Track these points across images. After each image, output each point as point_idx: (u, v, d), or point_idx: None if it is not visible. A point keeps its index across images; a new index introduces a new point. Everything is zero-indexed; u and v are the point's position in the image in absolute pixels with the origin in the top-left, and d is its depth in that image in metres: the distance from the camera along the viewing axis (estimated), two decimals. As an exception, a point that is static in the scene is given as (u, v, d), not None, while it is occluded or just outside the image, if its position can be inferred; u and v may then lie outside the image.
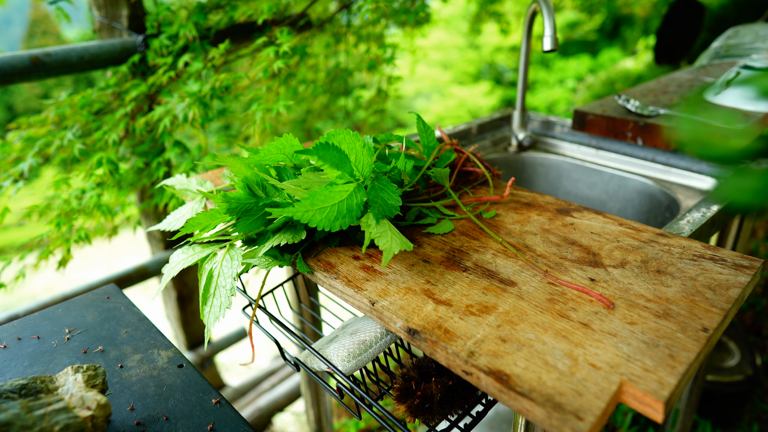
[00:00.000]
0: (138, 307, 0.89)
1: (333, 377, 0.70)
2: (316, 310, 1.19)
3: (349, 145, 0.69)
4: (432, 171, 0.86)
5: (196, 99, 1.37)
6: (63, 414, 0.54)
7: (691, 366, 0.51)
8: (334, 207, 0.66)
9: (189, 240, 0.73)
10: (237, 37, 1.71)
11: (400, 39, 2.57)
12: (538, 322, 0.58)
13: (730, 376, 1.80)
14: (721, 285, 0.62)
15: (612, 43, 5.94)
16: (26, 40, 8.23)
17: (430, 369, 0.65)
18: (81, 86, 5.54)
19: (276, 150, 0.78)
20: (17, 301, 3.91)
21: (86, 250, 4.11)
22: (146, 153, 1.60)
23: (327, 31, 2.09)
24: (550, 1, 1.15)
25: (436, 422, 0.62)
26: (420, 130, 0.89)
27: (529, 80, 1.46)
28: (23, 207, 1.42)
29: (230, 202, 0.68)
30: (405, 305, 0.62)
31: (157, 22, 1.57)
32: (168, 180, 0.94)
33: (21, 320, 0.84)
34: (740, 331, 1.93)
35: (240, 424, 0.64)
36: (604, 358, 0.52)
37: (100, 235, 1.52)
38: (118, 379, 0.72)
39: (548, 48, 1.14)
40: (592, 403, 0.47)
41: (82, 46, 1.47)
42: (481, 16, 3.34)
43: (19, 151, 1.41)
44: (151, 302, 3.42)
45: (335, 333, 0.76)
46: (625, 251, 0.71)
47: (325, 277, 0.71)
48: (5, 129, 1.50)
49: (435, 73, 6.57)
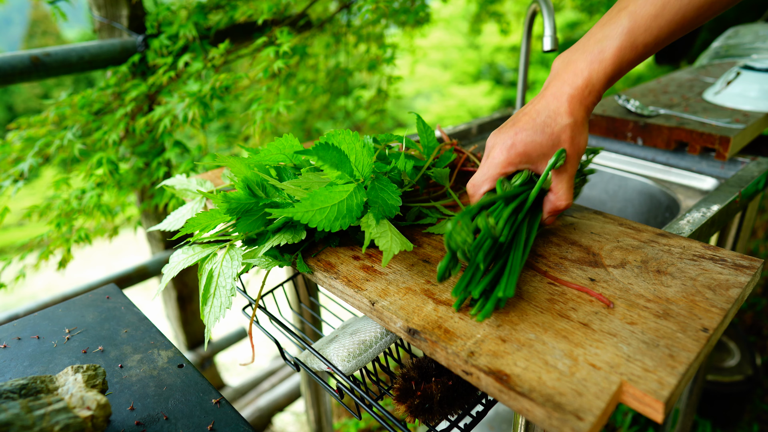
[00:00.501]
0: (138, 307, 0.89)
1: (333, 377, 0.70)
2: (316, 310, 1.19)
3: (349, 145, 0.69)
4: (432, 171, 0.86)
5: (196, 99, 1.37)
6: (63, 414, 0.54)
7: (691, 366, 0.51)
8: (334, 207, 0.66)
9: (189, 240, 0.73)
10: (237, 37, 1.72)
11: (400, 39, 2.57)
12: (538, 322, 0.58)
13: (730, 376, 1.80)
14: (721, 285, 0.63)
15: (612, 43, 5.92)
16: (26, 40, 8.23)
17: (430, 369, 0.65)
18: (81, 86, 5.54)
19: (276, 150, 0.78)
20: (17, 301, 3.91)
21: (86, 250, 4.11)
22: (146, 153, 1.60)
23: (327, 31, 2.09)
24: (550, 1, 1.15)
25: (436, 422, 0.63)
26: (420, 131, 0.89)
27: (529, 80, 1.46)
28: (23, 207, 1.42)
29: (230, 203, 0.68)
30: (405, 305, 0.62)
31: (157, 22, 1.57)
32: (168, 180, 0.94)
33: (21, 320, 0.84)
34: (740, 331, 1.93)
35: (240, 424, 0.64)
36: (604, 358, 0.52)
37: (100, 235, 1.52)
38: (118, 379, 0.72)
39: (548, 48, 1.14)
40: (592, 403, 0.47)
41: (82, 46, 1.47)
42: (481, 16, 3.34)
43: (19, 151, 1.41)
44: (151, 302, 3.42)
45: (335, 333, 0.76)
46: (625, 251, 0.71)
47: (325, 277, 0.71)
48: (5, 129, 1.50)
49: (435, 73, 6.57)
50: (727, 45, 1.87)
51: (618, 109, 1.37)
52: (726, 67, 1.75)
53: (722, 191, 1.01)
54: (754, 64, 1.38)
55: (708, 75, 1.69)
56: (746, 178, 1.08)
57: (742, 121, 1.22)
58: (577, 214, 0.83)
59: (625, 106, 1.35)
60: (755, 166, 1.14)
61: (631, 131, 1.29)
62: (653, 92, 1.50)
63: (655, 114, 1.30)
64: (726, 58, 1.84)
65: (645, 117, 1.29)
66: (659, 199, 1.25)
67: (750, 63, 1.40)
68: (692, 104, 1.37)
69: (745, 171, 1.12)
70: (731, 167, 1.19)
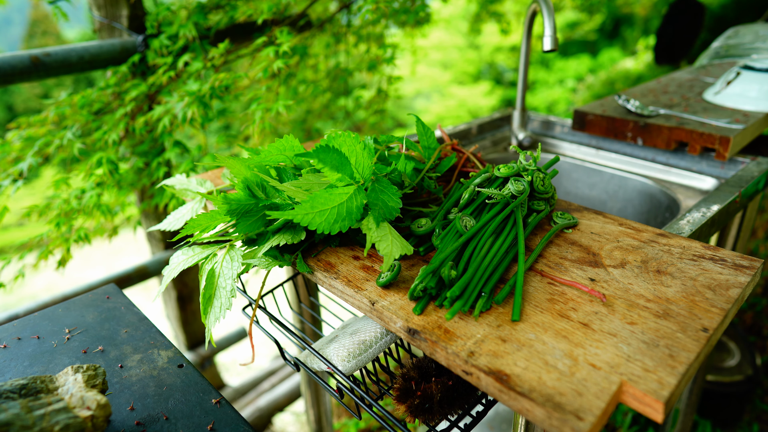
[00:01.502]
0: (138, 307, 0.89)
1: (333, 377, 0.70)
2: (316, 310, 1.19)
3: (349, 147, 0.69)
4: (431, 174, 0.86)
5: (196, 98, 1.37)
6: (63, 414, 0.54)
7: (691, 366, 0.51)
8: (334, 210, 0.66)
9: (189, 240, 0.73)
10: (237, 37, 1.71)
11: (400, 39, 2.57)
12: (538, 322, 0.58)
13: (730, 376, 1.80)
14: (721, 285, 0.63)
15: (612, 43, 5.94)
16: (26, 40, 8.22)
17: (430, 369, 0.65)
18: (81, 86, 5.54)
19: (276, 151, 0.78)
20: (17, 301, 3.91)
21: (86, 250, 4.11)
22: (146, 153, 1.60)
23: (327, 31, 2.09)
24: (550, 1, 1.15)
25: (436, 422, 0.62)
26: (419, 132, 0.89)
27: (529, 80, 1.46)
28: (23, 207, 1.42)
29: (230, 204, 0.68)
30: (405, 305, 0.62)
31: (157, 22, 1.57)
32: (168, 180, 0.94)
33: (21, 320, 0.84)
34: (740, 331, 1.93)
35: (240, 424, 0.64)
36: (604, 358, 0.52)
37: (100, 235, 1.52)
38: (118, 379, 0.72)
39: (548, 48, 1.14)
40: (592, 403, 0.47)
41: (82, 46, 1.47)
42: (481, 16, 3.34)
43: (19, 151, 1.40)
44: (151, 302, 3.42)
45: (335, 333, 0.76)
46: (625, 251, 0.71)
47: (325, 277, 0.71)
48: (5, 129, 1.50)
49: (435, 73, 6.57)
50: (727, 45, 1.87)
51: (618, 109, 1.37)
52: (726, 67, 1.75)
53: (722, 191, 1.01)
54: (754, 64, 1.38)
55: (708, 75, 1.69)
56: (746, 178, 1.08)
57: (742, 121, 1.22)
58: (577, 214, 0.83)
59: (625, 106, 1.35)
60: (755, 166, 1.14)
61: (631, 131, 1.29)
62: (653, 92, 1.50)
63: (655, 114, 1.30)
64: (726, 58, 1.84)
65: (645, 117, 1.29)
66: (659, 199, 1.25)
67: (750, 63, 1.40)
68: (692, 104, 1.37)
69: (745, 171, 1.12)
70: (731, 167, 1.19)
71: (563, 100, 5.93)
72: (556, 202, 0.85)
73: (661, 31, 2.91)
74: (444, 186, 0.93)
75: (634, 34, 5.70)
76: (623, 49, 5.84)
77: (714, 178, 1.20)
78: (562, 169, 1.47)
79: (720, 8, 4.37)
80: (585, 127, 1.38)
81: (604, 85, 5.26)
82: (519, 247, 0.68)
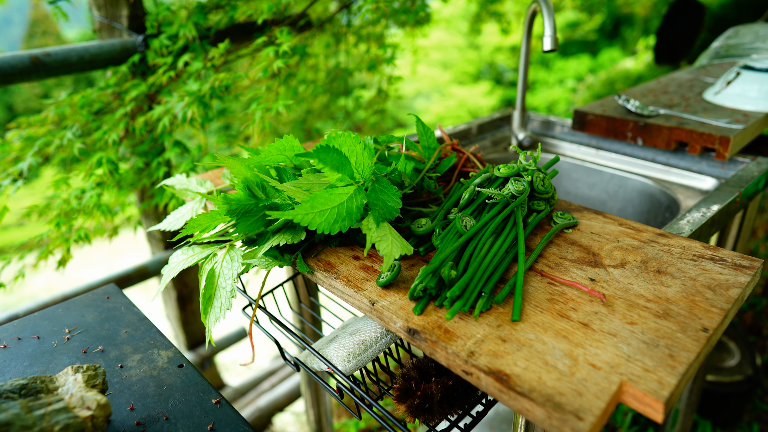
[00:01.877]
0: (138, 307, 0.89)
1: (333, 377, 0.70)
2: (316, 310, 1.19)
3: (349, 147, 0.69)
4: (431, 174, 0.86)
5: (196, 98, 1.37)
6: (63, 414, 0.54)
7: (691, 366, 0.51)
8: (334, 210, 0.66)
9: (189, 240, 0.73)
10: (237, 37, 1.71)
11: (401, 39, 2.57)
12: (538, 322, 0.58)
13: (730, 376, 1.80)
14: (721, 285, 0.62)
15: (612, 43, 5.94)
16: (26, 40, 8.22)
17: (430, 369, 0.65)
18: (81, 86, 5.54)
19: (276, 151, 0.78)
20: (17, 301, 3.91)
21: (86, 250, 4.11)
22: (146, 153, 1.60)
23: (327, 31, 2.09)
24: (550, 1, 1.15)
25: (436, 422, 0.62)
26: (419, 132, 0.89)
27: (529, 80, 1.46)
28: (23, 207, 1.42)
29: (230, 204, 0.68)
30: (405, 305, 0.62)
31: (157, 22, 1.57)
32: (168, 180, 0.94)
33: (21, 320, 0.84)
34: (740, 331, 1.93)
35: (240, 424, 0.64)
36: (604, 358, 0.52)
37: (100, 235, 1.52)
38: (118, 379, 0.72)
39: (548, 48, 1.14)
40: (592, 403, 0.47)
41: (82, 46, 1.47)
42: (481, 16, 3.34)
43: (19, 151, 1.40)
44: (151, 302, 3.42)
45: (335, 333, 0.76)
46: (625, 251, 0.71)
47: (325, 277, 0.71)
48: (5, 129, 1.50)
49: (435, 73, 6.57)
50: (727, 45, 1.87)
51: (618, 109, 1.36)
52: (726, 67, 1.75)
53: (722, 191, 1.01)
54: (754, 64, 1.38)
55: (708, 75, 1.69)
56: (746, 178, 1.08)
57: (742, 121, 1.22)
58: (577, 214, 0.83)
59: (625, 106, 1.35)
60: (755, 166, 1.14)
61: (631, 131, 1.29)
62: (653, 92, 1.50)
63: (655, 114, 1.30)
64: (726, 58, 1.84)
65: (645, 117, 1.29)
66: (659, 199, 1.25)
67: (750, 63, 1.40)
68: (692, 104, 1.37)
69: (745, 171, 1.12)
70: (731, 167, 1.19)
71: (563, 100, 5.93)
72: (556, 202, 0.85)
73: (661, 31, 2.91)
74: (444, 186, 0.93)
75: (634, 34, 5.70)
76: (623, 49, 5.84)
77: (714, 178, 1.20)
78: (562, 169, 1.47)
79: (720, 8, 4.37)
80: (585, 127, 1.38)
81: (604, 85, 5.26)
82: (519, 247, 0.68)
